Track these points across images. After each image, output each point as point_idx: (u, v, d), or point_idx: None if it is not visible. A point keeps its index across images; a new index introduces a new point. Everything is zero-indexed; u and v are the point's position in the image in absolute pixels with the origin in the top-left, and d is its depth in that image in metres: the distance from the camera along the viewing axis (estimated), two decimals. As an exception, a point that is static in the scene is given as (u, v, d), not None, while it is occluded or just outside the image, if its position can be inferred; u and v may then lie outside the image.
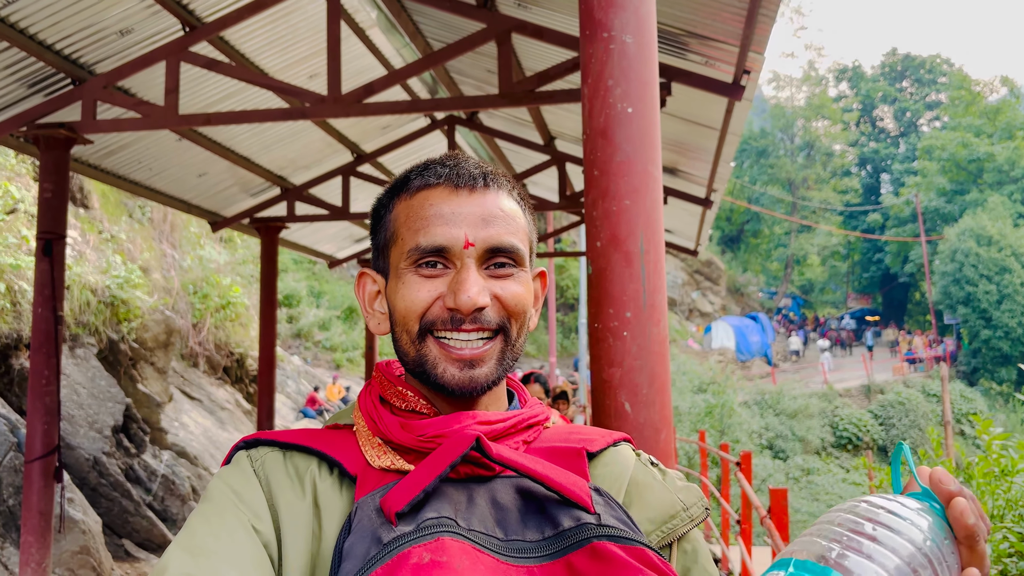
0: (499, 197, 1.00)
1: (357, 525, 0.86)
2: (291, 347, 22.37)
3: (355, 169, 8.98)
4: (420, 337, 0.97)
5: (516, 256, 0.99)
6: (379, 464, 0.94)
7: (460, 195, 0.98)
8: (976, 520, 0.71)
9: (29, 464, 5.61)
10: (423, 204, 0.99)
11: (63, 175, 5.90)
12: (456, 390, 0.96)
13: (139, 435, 9.09)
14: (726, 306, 41.92)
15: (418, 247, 0.97)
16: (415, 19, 6.74)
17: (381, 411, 0.99)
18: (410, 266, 0.99)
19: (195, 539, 0.87)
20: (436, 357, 0.96)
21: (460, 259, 0.97)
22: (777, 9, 4.38)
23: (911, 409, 25.09)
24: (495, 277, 0.98)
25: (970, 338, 34.63)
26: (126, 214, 12.52)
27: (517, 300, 0.99)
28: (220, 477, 0.96)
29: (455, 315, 0.96)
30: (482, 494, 0.90)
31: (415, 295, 0.97)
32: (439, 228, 0.97)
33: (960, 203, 43.05)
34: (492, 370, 0.97)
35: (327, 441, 0.99)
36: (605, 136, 2.27)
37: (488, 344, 0.97)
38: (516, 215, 1.01)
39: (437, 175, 1.00)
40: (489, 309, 0.97)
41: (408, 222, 1.00)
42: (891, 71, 59.82)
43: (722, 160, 7.16)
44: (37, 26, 5.30)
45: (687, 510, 0.98)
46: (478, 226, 0.97)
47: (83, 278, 9.36)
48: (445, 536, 0.83)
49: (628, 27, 2.27)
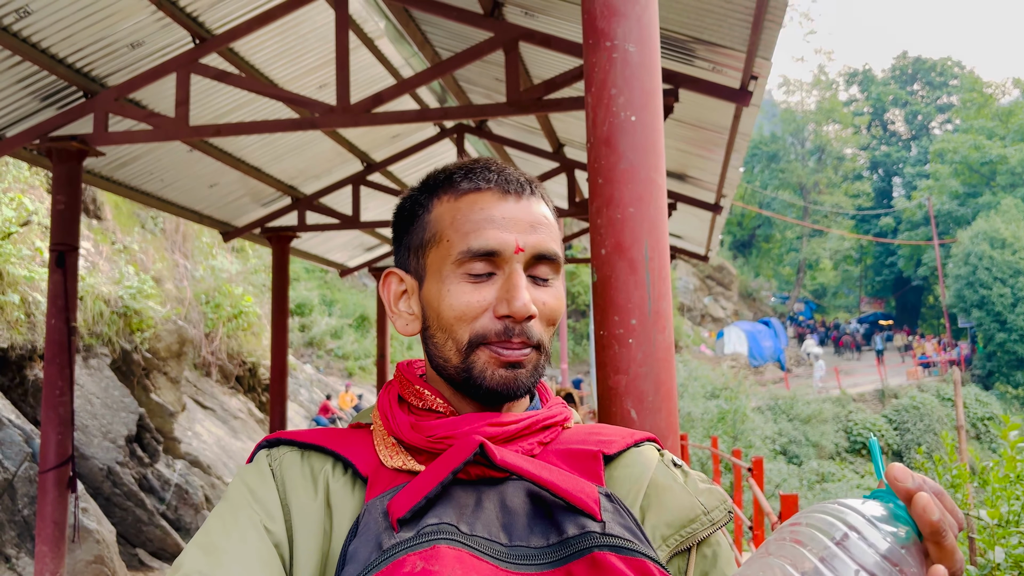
0: (541, 205, 1.02)
1: (363, 528, 0.87)
2: (304, 356, 22.43)
3: (365, 178, 9.02)
4: (470, 347, 0.97)
5: (556, 264, 1.00)
6: (391, 464, 0.95)
7: (509, 201, 0.99)
8: (941, 515, 0.68)
9: (43, 474, 5.65)
10: (472, 207, 0.99)
11: (76, 187, 5.95)
12: (500, 390, 0.96)
13: (152, 445, 9.14)
14: (738, 311, 41.79)
15: (469, 250, 0.96)
16: (423, 29, 6.78)
17: (396, 410, 1.00)
18: (457, 269, 0.98)
19: (210, 537, 0.90)
20: (485, 363, 0.96)
21: (509, 264, 0.97)
22: (783, 15, 4.39)
23: (925, 413, 24.93)
24: (537, 287, 0.99)
25: (985, 341, 34.38)
26: (138, 225, 12.61)
27: (554, 312, 1.00)
28: (239, 475, 0.99)
29: (507, 324, 0.96)
30: (492, 497, 0.90)
31: (465, 303, 0.96)
32: (491, 232, 0.96)
33: (973, 206, 42.81)
34: (530, 375, 0.98)
35: (343, 441, 1.00)
36: (609, 144, 2.28)
37: (528, 350, 0.97)
38: (555, 223, 1.03)
39: (487, 179, 1.00)
40: (534, 323, 0.97)
41: (455, 224, 0.99)
42: (902, 74, 59.62)
43: (731, 165, 7.16)
44: (49, 40, 5.36)
45: (708, 514, 0.96)
46: (527, 232, 0.97)
47: (96, 289, 9.43)
48: (442, 544, 0.83)
49: (631, 36, 2.29)
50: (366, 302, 25.57)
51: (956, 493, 5.38)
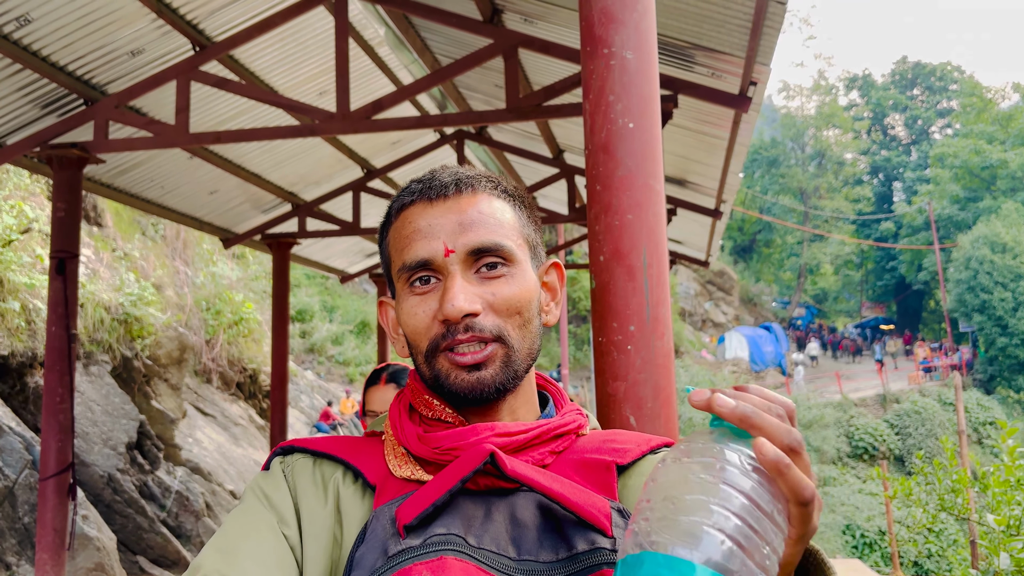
0: (476, 200, 1.00)
1: (370, 534, 0.88)
2: (304, 362, 22.43)
3: (365, 184, 9.03)
4: (429, 356, 0.97)
5: (503, 253, 0.98)
6: (400, 474, 0.96)
7: (435, 206, 0.99)
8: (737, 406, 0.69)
9: (43, 482, 5.64)
10: (404, 224, 1.01)
11: (76, 194, 5.96)
12: (467, 394, 0.96)
13: (153, 452, 9.14)
14: (739, 316, 41.78)
15: (404, 265, 0.98)
16: (422, 35, 6.79)
17: (404, 421, 1.01)
18: (405, 286, 1.00)
19: (227, 539, 0.92)
20: (447, 368, 0.96)
21: (445, 269, 0.97)
22: (782, 21, 4.39)
23: (927, 418, 24.89)
24: (488, 279, 0.98)
25: (986, 346, 34.34)
26: (139, 232, 12.62)
27: (510, 302, 0.98)
28: (255, 481, 1.01)
29: (449, 326, 0.95)
30: (501, 509, 0.90)
31: (414, 317, 0.98)
32: (418, 243, 0.98)
33: (974, 210, 42.80)
34: (498, 372, 0.96)
35: (354, 450, 1.01)
36: (607, 151, 2.28)
37: (488, 347, 0.96)
38: (499, 213, 1.01)
39: (411, 192, 1.02)
40: (482, 317, 0.96)
41: (395, 244, 1.02)
42: (901, 79, 59.68)
43: (731, 171, 7.17)
44: (50, 48, 5.37)
45: None
46: (455, 232, 0.97)
47: (97, 296, 9.44)
48: (448, 555, 0.83)
49: (628, 43, 2.29)
50: (367, 308, 25.57)
51: (957, 498, 5.38)
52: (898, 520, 12.48)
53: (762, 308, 46.13)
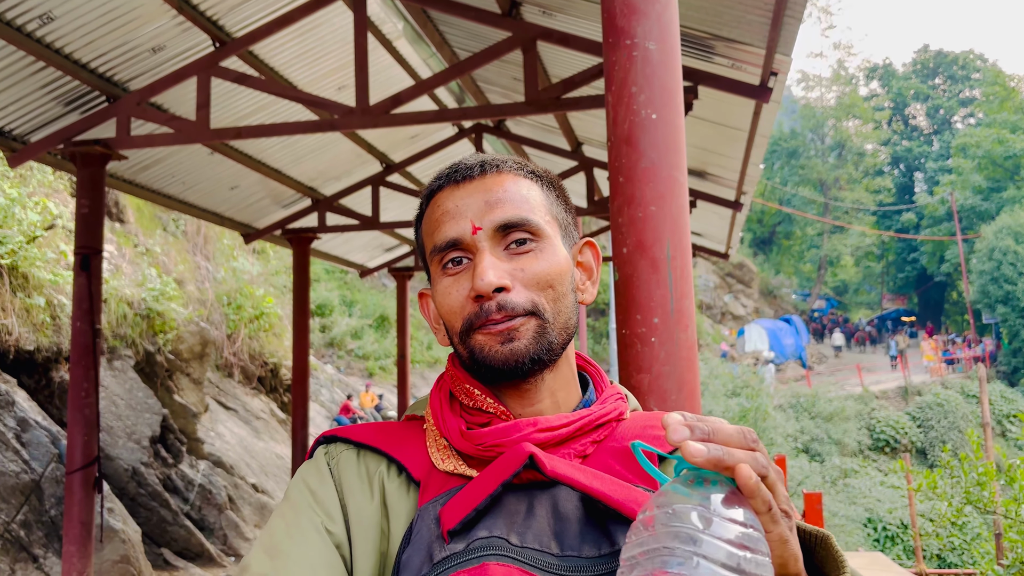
0: (502, 179, 1.02)
1: (416, 536, 0.90)
2: (324, 356, 22.53)
3: (384, 179, 9.06)
4: (465, 335, 0.99)
5: (531, 228, 0.99)
6: (443, 468, 0.97)
7: (462, 187, 1.02)
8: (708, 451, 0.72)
9: (70, 475, 5.71)
10: (433, 209, 1.04)
11: (99, 191, 6.01)
12: (502, 366, 0.97)
13: (176, 445, 9.22)
14: (759, 309, 41.55)
15: (435, 247, 1.01)
16: (441, 29, 6.79)
17: (446, 412, 1.01)
18: (438, 268, 1.02)
19: (273, 539, 0.94)
20: (482, 342, 0.97)
21: (474, 247, 0.99)
22: (803, 10, 4.35)
23: (949, 411, 24.67)
24: (517, 255, 0.99)
25: (1010, 337, 33.98)
26: (160, 227, 12.71)
27: (540, 277, 0.99)
28: (300, 474, 1.02)
29: (482, 303, 0.97)
30: (544, 502, 0.91)
31: (448, 297, 1.00)
32: (447, 224, 1.00)
33: (997, 200, 42.29)
34: (531, 343, 0.96)
35: (397, 441, 1.02)
36: (630, 143, 2.28)
37: (518, 320, 0.97)
38: (525, 191, 1.02)
39: (439, 178, 1.05)
40: (514, 293, 0.97)
41: (427, 230, 1.05)
42: (923, 68, 59.02)
43: (751, 162, 7.12)
44: (72, 46, 5.42)
45: None
46: (482, 210, 0.99)
47: (120, 291, 9.52)
48: (491, 561, 0.85)
49: (651, 34, 2.28)
50: (386, 302, 25.64)
51: (983, 491, 5.33)
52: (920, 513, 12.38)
53: (782, 301, 45.84)
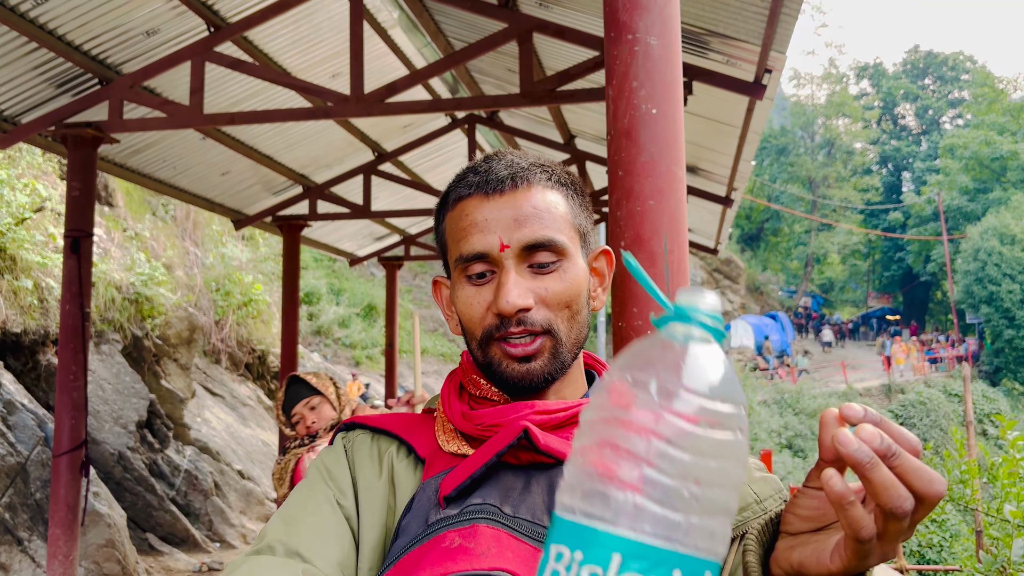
0: (531, 194, 1.03)
1: (416, 505, 0.96)
2: (311, 344, 22.49)
3: (376, 168, 9.03)
4: (483, 344, 1.03)
5: (556, 248, 1.02)
6: (448, 448, 1.03)
7: (492, 200, 1.02)
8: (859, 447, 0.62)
9: (57, 458, 5.69)
10: (461, 215, 1.05)
11: (90, 173, 5.98)
12: (516, 383, 1.01)
13: (163, 431, 9.20)
14: (745, 305, 41.72)
15: (461, 256, 1.03)
16: (436, 19, 6.78)
17: (453, 399, 1.08)
18: (461, 276, 1.04)
19: (290, 510, 1.02)
20: (499, 357, 1.01)
21: (499, 263, 1.01)
22: (800, 8, 4.38)
23: (932, 409, 24.87)
24: (540, 274, 1.01)
25: (993, 338, 34.29)
26: (150, 212, 12.64)
27: (560, 297, 1.01)
28: (320, 455, 1.10)
29: (502, 318, 1.00)
30: (541, 481, 0.96)
31: (469, 307, 1.03)
32: (475, 236, 1.02)
33: (983, 201, 42.58)
34: (547, 363, 1.01)
35: (409, 426, 1.09)
36: (629, 137, 2.29)
37: (537, 340, 1.00)
38: (553, 207, 1.03)
39: (468, 185, 1.05)
40: (534, 311, 1.00)
41: (452, 233, 1.06)
42: (913, 68, 59.25)
43: (743, 159, 7.15)
44: (65, 27, 5.38)
45: (760, 502, 0.95)
46: (511, 228, 1.00)
47: (108, 275, 9.48)
48: (481, 523, 0.90)
49: (653, 29, 2.29)
50: (374, 291, 25.60)
51: (966, 489, 5.39)
52: (902, 510, 12.48)
53: (768, 297, 46.05)
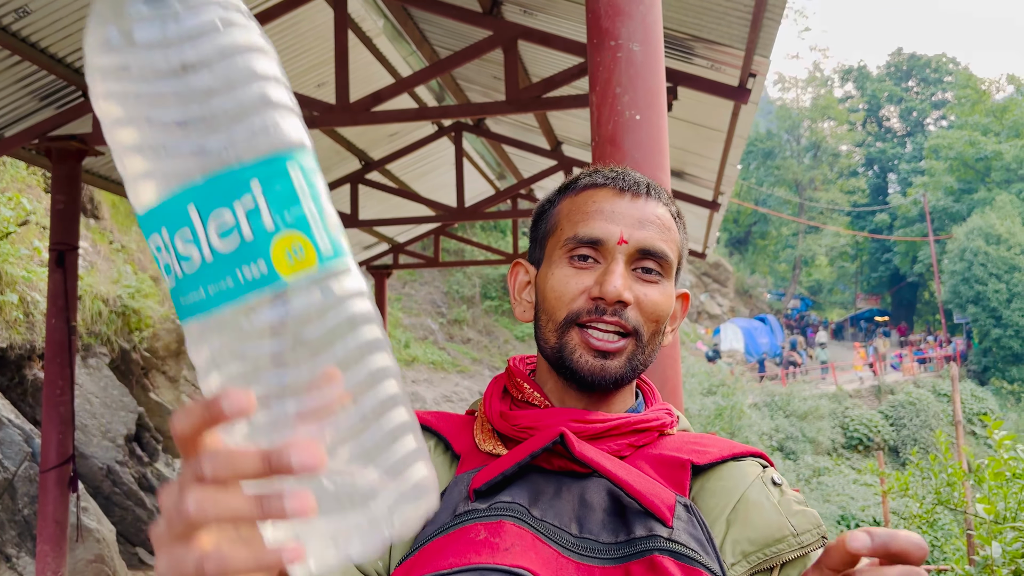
0: (658, 207, 1.05)
1: (447, 496, 0.96)
2: (300, 354, 22.44)
3: (363, 176, 9.03)
4: (564, 326, 1.01)
5: (664, 263, 1.03)
6: (483, 448, 1.03)
7: (623, 197, 1.04)
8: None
9: (44, 474, 5.65)
10: (587, 200, 1.05)
11: (75, 186, 5.95)
12: (587, 377, 1.00)
13: (152, 444, 9.14)
14: (734, 308, 41.83)
15: (575, 236, 1.03)
16: (421, 27, 6.78)
17: (494, 400, 1.07)
18: (564, 255, 1.04)
19: None
20: (575, 345, 1.00)
21: (611, 254, 1.01)
22: (782, 12, 4.40)
23: (922, 409, 24.99)
24: (642, 281, 1.02)
25: (980, 337, 34.48)
26: (136, 224, 12.58)
27: (656, 306, 1.02)
28: None
29: (599, 304, 0.99)
30: (572, 489, 0.95)
31: (565, 286, 1.02)
32: (598, 222, 1.02)
33: (968, 202, 42.89)
34: (623, 366, 1.00)
35: (449, 424, 1.09)
36: (614, 143, 2.30)
37: (622, 341, 1.00)
38: (671, 226, 1.06)
39: (605, 177, 1.07)
40: (630, 308, 1.00)
41: (570, 215, 1.06)
42: (896, 71, 59.69)
43: (729, 163, 7.18)
44: (49, 40, 5.35)
45: (797, 535, 0.94)
46: (634, 226, 1.02)
47: (94, 288, 9.42)
48: (508, 520, 0.89)
49: (635, 35, 2.30)
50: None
51: (954, 491, 5.41)
52: (893, 511, 12.54)
53: (757, 300, 46.20)
